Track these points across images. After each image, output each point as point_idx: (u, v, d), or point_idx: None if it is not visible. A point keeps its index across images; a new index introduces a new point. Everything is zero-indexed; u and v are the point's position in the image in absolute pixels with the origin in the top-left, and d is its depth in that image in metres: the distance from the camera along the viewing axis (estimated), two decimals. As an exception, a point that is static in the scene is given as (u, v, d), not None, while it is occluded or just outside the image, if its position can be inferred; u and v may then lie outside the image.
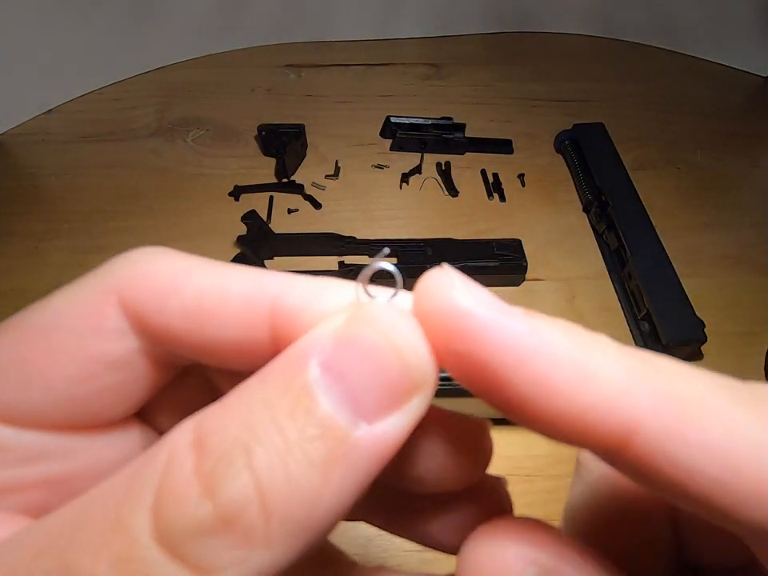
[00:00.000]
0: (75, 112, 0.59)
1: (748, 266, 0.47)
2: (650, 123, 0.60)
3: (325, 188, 0.52)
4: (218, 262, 0.14)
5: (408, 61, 0.67)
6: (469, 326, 0.10)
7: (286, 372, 0.10)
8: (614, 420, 0.10)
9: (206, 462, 0.09)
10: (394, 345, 0.10)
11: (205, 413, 0.11)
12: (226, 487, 0.09)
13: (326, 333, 0.11)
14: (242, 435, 0.10)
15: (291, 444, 0.09)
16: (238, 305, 0.13)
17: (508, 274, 0.44)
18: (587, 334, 0.11)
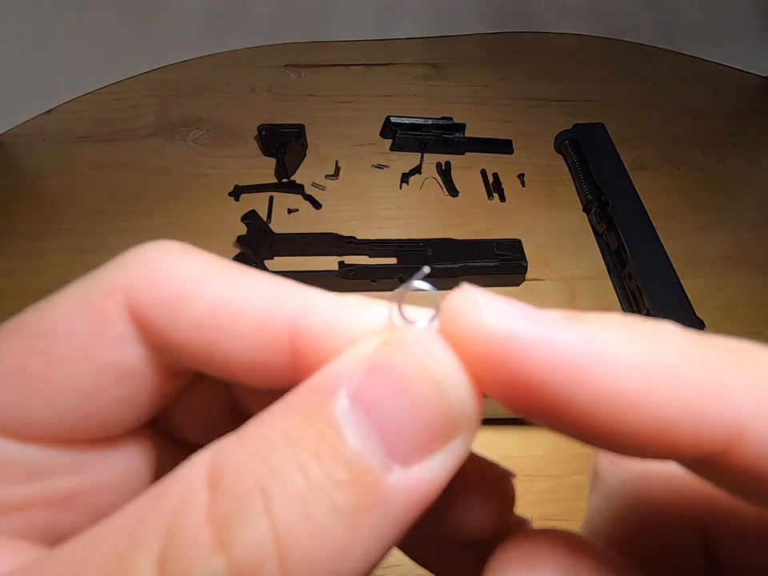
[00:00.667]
0: (75, 112, 0.59)
1: (748, 266, 0.47)
2: (649, 123, 0.60)
3: (325, 188, 0.52)
4: (239, 267, 0.13)
5: (408, 61, 0.67)
6: (509, 350, 0.09)
7: (311, 402, 0.09)
8: (710, 426, 0.08)
9: (221, 504, 0.08)
10: (432, 376, 0.09)
11: (221, 444, 0.09)
12: (241, 537, 0.08)
13: (355, 360, 0.09)
14: (261, 475, 0.08)
15: (315, 487, 0.08)
16: (256, 321, 0.12)
17: (508, 274, 0.44)
18: (650, 326, 0.09)
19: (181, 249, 0.13)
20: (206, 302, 0.12)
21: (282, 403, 0.09)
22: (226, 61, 0.66)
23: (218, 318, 0.12)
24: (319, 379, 0.09)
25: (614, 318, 0.09)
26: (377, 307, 0.11)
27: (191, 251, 0.13)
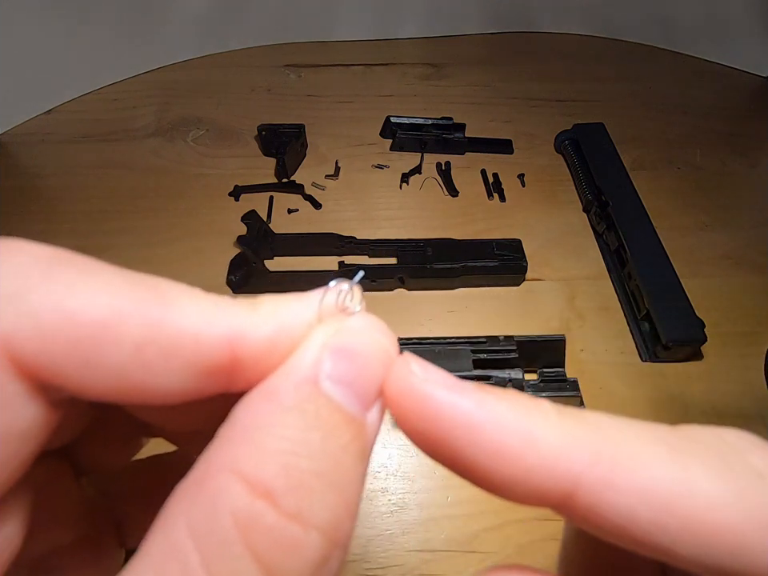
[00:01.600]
0: (75, 112, 0.59)
1: (748, 266, 0.47)
2: (649, 123, 0.60)
3: (325, 188, 0.52)
4: (155, 286, 0.11)
5: (408, 61, 0.67)
6: (426, 407, 0.12)
7: (302, 394, 0.11)
8: (556, 477, 0.11)
9: (288, 503, 0.10)
10: (384, 346, 0.13)
11: (237, 465, 0.10)
12: (324, 512, 0.10)
13: (317, 351, 0.12)
14: (305, 465, 0.10)
15: (340, 456, 0.11)
16: (190, 355, 0.11)
17: (508, 274, 0.44)
18: (530, 402, 0.12)
19: (60, 261, 0.11)
20: (130, 343, 0.10)
21: (269, 402, 0.11)
22: (226, 61, 0.66)
23: (147, 358, 0.11)
24: (295, 377, 0.11)
25: (510, 395, 0.12)
26: (300, 306, 0.13)
27: (77, 265, 0.11)
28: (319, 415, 0.11)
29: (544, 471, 0.11)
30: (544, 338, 0.34)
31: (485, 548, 0.32)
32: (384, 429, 0.37)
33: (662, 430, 0.12)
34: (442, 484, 0.34)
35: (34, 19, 0.53)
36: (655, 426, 0.12)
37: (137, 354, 0.10)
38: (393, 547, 0.32)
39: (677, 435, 0.12)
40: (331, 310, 0.13)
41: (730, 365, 0.41)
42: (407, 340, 0.33)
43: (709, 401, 0.39)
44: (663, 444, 0.11)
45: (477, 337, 0.33)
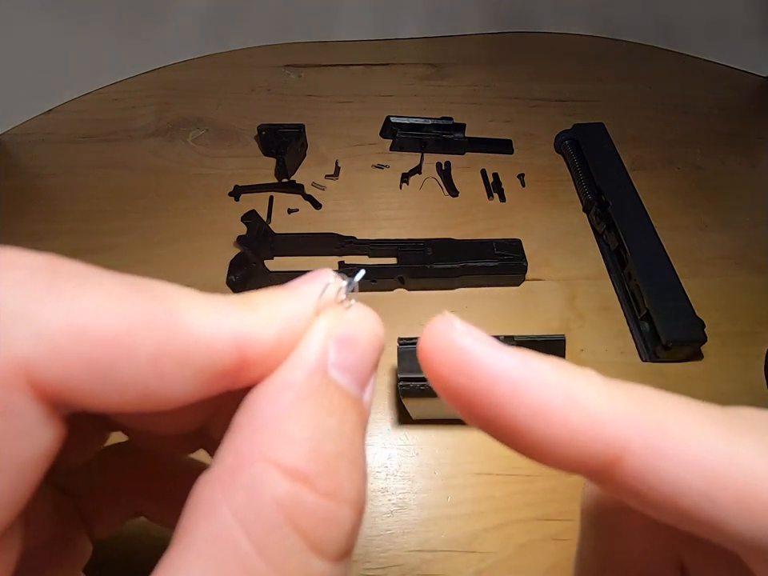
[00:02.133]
0: (75, 112, 0.59)
1: (748, 266, 0.47)
2: (650, 123, 0.60)
3: (325, 188, 0.52)
4: (160, 293, 0.11)
5: (408, 61, 0.67)
6: (468, 361, 0.12)
7: (314, 384, 0.12)
8: (603, 441, 0.11)
9: (323, 484, 0.11)
10: (378, 334, 0.14)
11: (270, 454, 0.11)
12: (352, 488, 0.11)
13: (321, 343, 0.13)
14: (331, 449, 0.11)
15: (352, 437, 0.12)
16: (202, 362, 0.11)
17: (508, 274, 0.44)
18: (576, 367, 0.12)
19: (53, 274, 0.10)
20: (146, 355, 0.10)
21: (288, 397, 0.12)
22: (226, 61, 0.66)
23: (162, 368, 0.11)
24: (306, 368, 0.12)
25: (553, 358, 0.12)
26: (297, 302, 0.13)
27: (68, 273, 0.11)
28: (332, 401, 0.12)
29: (591, 434, 0.11)
30: (544, 338, 0.34)
31: (485, 548, 0.32)
32: (384, 429, 0.37)
33: (711, 406, 0.12)
34: (442, 484, 0.34)
35: (34, 19, 0.53)
36: (704, 403, 0.12)
37: (153, 366, 0.11)
38: (393, 547, 0.32)
39: (727, 412, 0.12)
40: (329, 303, 0.14)
41: (730, 365, 0.41)
42: (407, 340, 0.33)
43: (709, 401, 0.39)
44: (714, 418, 0.11)
45: (477, 337, 0.33)
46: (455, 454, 0.36)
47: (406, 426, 0.37)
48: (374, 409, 0.38)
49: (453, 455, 0.36)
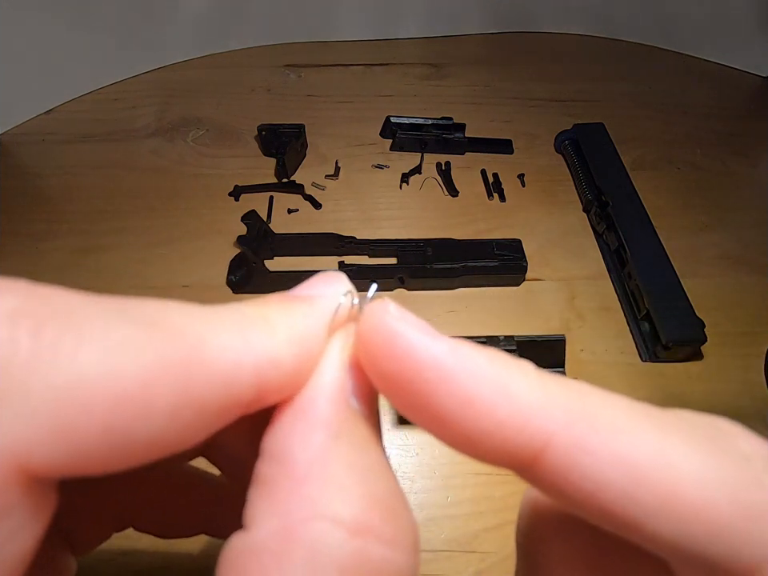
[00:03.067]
0: (75, 112, 0.59)
1: (748, 266, 0.47)
2: (649, 123, 0.60)
3: (325, 188, 0.52)
4: (169, 325, 0.10)
5: (408, 61, 0.67)
6: (398, 346, 0.11)
7: (348, 422, 0.12)
8: (527, 432, 0.10)
9: (386, 529, 0.10)
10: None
11: (328, 510, 0.10)
12: (398, 529, 0.11)
13: (338, 374, 0.12)
14: (375, 493, 0.11)
15: (378, 461, 0.12)
16: (223, 403, 0.10)
17: (508, 274, 0.44)
18: (510, 358, 0.12)
19: (39, 315, 0.08)
20: (164, 409, 0.09)
21: (323, 436, 0.11)
22: (226, 61, 0.66)
23: (182, 420, 0.09)
24: (331, 402, 0.12)
25: (489, 349, 0.12)
26: (313, 321, 0.13)
27: (55, 311, 0.08)
28: (360, 435, 0.11)
29: (516, 425, 0.10)
30: (544, 338, 0.34)
31: (485, 548, 0.32)
32: (384, 429, 0.37)
33: (649, 407, 0.11)
34: (442, 484, 0.34)
35: (34, 19, 0.53)
36: (643, 404, 0.11)
37: (172, 420, 0.09)
38: (393, 547, 0.32)
39: (664, 413, 0.11)
40: (341, 321, 0.13)
41: (730, 365, 0.41)
42: (407, 340, 0.33)
43: (709, 401, 0.39)
44: (648, 417, 0.11)
45: (477, 337, 0.33)
46: (455, 454, 0.35)
47: (406, 425, 0.37)
48: (374, 409, 0.38)
49: (453, 455, 0.36)
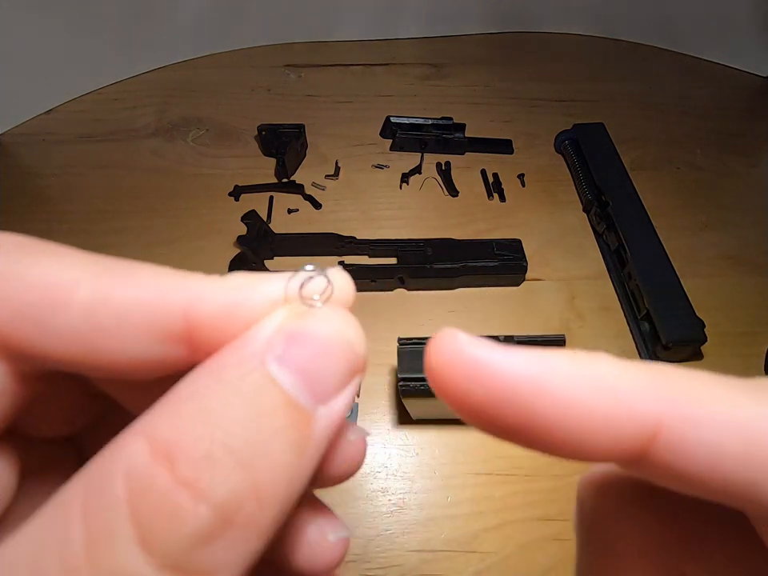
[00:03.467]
0: (75, 112, 0.59)
1: (748, 266, 0.47)
2: (649, 123, 0.60)
3: (325, 188, 0.52)
4: (112, 261, 0.12)
5: (408, 61, 0.67)
6: (482, 370, 0.11)
7: (243, 371, 0.11)
8: (636, 420, 0.10)
9: (185, 470, 0.09)
10: (348, 339, 0.12)
11: (149, 427, 0.10)
12: (221, 487, 0.09)
13: (271, 332, 0.11)
14: (219, 438, 0.10)
15: (268, 438, 0.10)
16: (143, 318, 0.11)
17: (508, 274, 0.44)
18: (589, 353, 0.11)
19: (23, 245, 0.11)
20: (80, 306, 0.11)
21: (206, 374, 0.11)
22: (226, 61, 0.66)
23: (99, 321, 0.11)
24: (242, 348, 0.11)
25: (564, 350, 0.11)
26: (265, 286, 0.12)
27: (46, 249, 0.12)
28: (255, 394, 0.10)
29: (623, 416, 0.10)
30: (544, 338, 0.34)
31: (485, 548, 0.32)
32: (384, 429, 0.37)
33: (728, 377, 0.11)
34: (442, 484, 0.34)
35: (34, 19, 0.53)
36: (720, 375, 0.11)
37: (88, 318, 0.11)
38: (393, 547, 0.32)
39: (747, 381, 0.11)
40: (297, 297, 0.12)
41: (730, 365, 0.41)
42: (407, 340, 0.33)
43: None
44: (736, 385, 0.11)
45: (477, 337, 0.33)
46: (455, 454, 0.36)
47: (406, 425, 0.37)
48: (374, 409, 0.38)
49: (453, 455, 0.36)
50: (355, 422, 0.37)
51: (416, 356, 0.32)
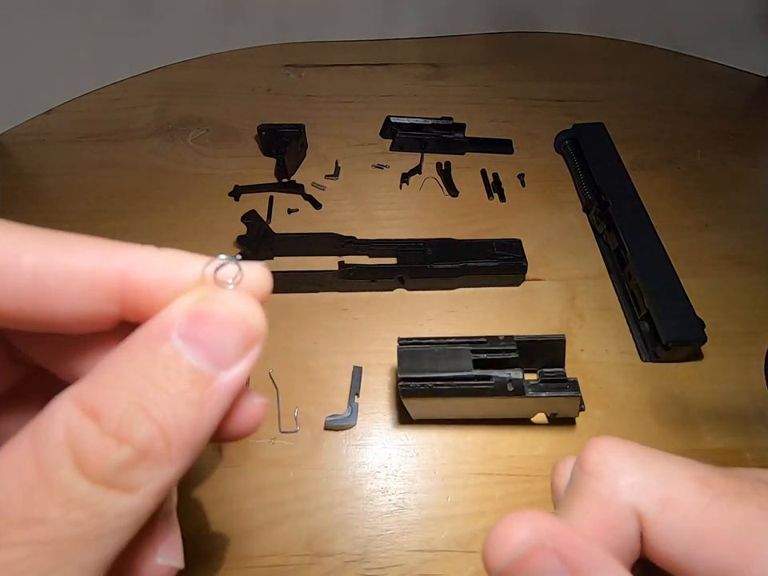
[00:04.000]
0: (75, 112, 0.59)
1: (748, 266, 0.47)
2: (650, 123, 0.60)
3: (325, 188, 0.52)
4: (57, 233, 0.14)
5: (408, 61, 0.67)
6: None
7: (152, 346, 0.14)
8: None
9: (110, 424, 0.13)
10: (243, 316, 0.15)
11: (76, 392, 0.13)
12: (137, 434, 0.13)
13: (178, 312, 0.14)
14: (135, 400, 0.13)
15: (174, 397, 0.13)
16: (85, 281, 0.14)
17: (508, 274, 0.44)
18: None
19: None
20: (28, 270, 0.13)
21: (125, 350, 0.14)
22: (226, 61, 0.66)
23: (45, 284, 0.13)
24: (153, 328, 0.14)
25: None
26: (188, 265, 0.15)
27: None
28: (163, 364, 0.13)
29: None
30: (544, 338, 0.34)
31: (485, 548, 0.32)
32: (384, 429, 0.37)
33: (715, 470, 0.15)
34: (442, 484, 0.34)
35: (34, 19, 0.53)
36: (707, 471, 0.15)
37: (35, 280, 0.13)
38: (393, 547, 0.32)
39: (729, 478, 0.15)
40: (211, 279, 0.15)
41: (730, 365, 0.41)
42: (407, 340, 0.33)
43: (709, 401, 0.39)
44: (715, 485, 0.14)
45: (477, 337, 0.33)
46: (455, 454, 0.36)
47: (406, 425, 0.37)
48: (374, 409, 0.38)
49: (453, 455, 0.36)
50: (355, 421, 0.37)
51: (416, 356, 0.32)
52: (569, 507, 0.16)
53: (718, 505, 0.14)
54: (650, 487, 0.14)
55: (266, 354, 0.43)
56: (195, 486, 0.34)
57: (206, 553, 0.32)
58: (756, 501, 0.14)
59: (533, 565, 0.13)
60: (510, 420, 0.36)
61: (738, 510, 0.14)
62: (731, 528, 0.13)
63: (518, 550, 0.14)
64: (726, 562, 0.13)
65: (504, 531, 0.14)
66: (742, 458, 0.36)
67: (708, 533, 0.13)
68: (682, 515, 0.14)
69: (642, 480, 0.14)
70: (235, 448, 0.35)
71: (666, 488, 0.14)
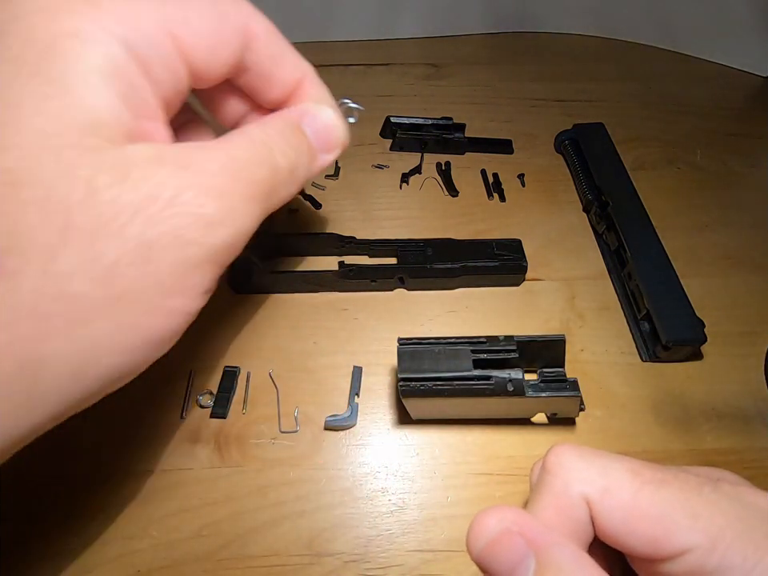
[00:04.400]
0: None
1: (748, 266, 0.47)
2: (650, 123, 0.60)
3: (325, 188, 0.52)
4: None
5: (408, 61, 0.67)
6: None
7: (287, 122, 0.25)
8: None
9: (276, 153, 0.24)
10: (338, 125, 0.28)
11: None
12: (283, 165, 0.23)
13: (306, 108, 0.26)
14: (272, 147, 0.23)
15: (300, 154, 0.24)
16: (233, 34, 0.25)
17: (508, 274, 0.44)
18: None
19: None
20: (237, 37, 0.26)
21: (267, 126, 0.24)
22: (226, 61, 0.65)
23: (214, 41, 0.24)
24: (290, 115, 0.25)
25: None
26: (309, 70, 0.29)
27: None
28: (294, 136, 0.24)
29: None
30: (544, 338, 0.34)
31: (485, 548, 0.32)
32: (384, 429, 0.37)
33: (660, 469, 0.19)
34: (442, 484, 0.34)
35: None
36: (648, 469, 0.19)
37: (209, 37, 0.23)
38: (393, 547, 0.32)
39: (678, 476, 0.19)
40: (338, 108, 0.28)
41: (730, 365, 0.41)
42: (407, 340, 0.33)
43: (709, 401, 0.39)
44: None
45: (477, 337, 0.33)
46: (455, 454, 0.36)
47: (406, 425, 0.37)
48: (374, 409, 0.38)
49: (453, 455, 0.36)
50: (355, 421, 0.37)
51: (416, 356, 0.32)
52: (534, 500, 0.19)
53: (645, 490, 0.17)
54: (593, 479, 0.18)
55: (266, 354, 0.42)
56: (195, 485, 0.34)
57: (206, 553, 0.32)
58: (677, 485, 0.17)
59: (502, 545, 0.17)
60: (510, 420, 0.36)
61: (662, 493, 0.17)
62: (656, 507, 0.17)
63: (490, 534, 0.17)
64: (653, 534, 0.17)
65: (478, 521, 0.18)
66: (742, 458, 0.36)
67: (637, 512, 0.17)
68: (617, 499, 0.17)
69: (587, 475, 0.18)
70: (235, 448, 0.36)
71: (605, 479, 0.18)
